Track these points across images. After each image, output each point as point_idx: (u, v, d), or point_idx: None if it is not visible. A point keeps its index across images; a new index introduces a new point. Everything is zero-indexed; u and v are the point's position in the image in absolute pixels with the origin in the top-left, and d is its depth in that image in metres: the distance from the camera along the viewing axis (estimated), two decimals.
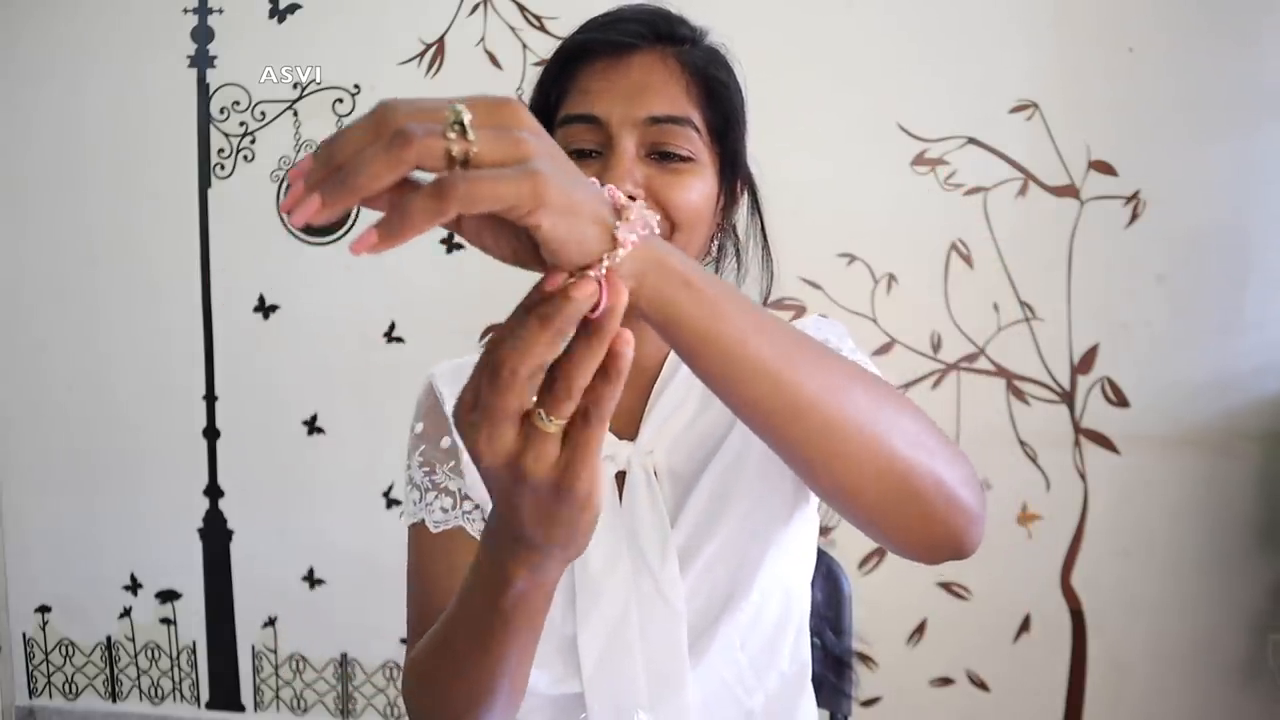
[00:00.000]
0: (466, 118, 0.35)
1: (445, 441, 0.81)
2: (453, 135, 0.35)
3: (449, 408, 0.82)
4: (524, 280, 0.43)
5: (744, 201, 0.82)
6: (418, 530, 0.80)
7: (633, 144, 0.69)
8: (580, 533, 0.47)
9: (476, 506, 0.79)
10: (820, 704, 0.92)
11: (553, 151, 0.39)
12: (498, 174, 0.36)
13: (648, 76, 0.71)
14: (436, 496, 0.79)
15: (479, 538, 0.78)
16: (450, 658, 0.62)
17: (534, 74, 0.77)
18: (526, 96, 0.77)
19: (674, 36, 0.73)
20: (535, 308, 0.40)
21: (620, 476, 0.78)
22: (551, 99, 0.74)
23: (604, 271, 0.40)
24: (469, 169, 0.36)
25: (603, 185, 0.49)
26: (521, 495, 0.45)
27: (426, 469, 0.81)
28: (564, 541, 0.48)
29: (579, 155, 0.71)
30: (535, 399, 0.42)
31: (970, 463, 0.60)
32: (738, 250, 0.84)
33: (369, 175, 0.35)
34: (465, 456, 0.80)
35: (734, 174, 0.77)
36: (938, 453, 0.56)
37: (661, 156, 0.70)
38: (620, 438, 0.78)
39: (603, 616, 0.75)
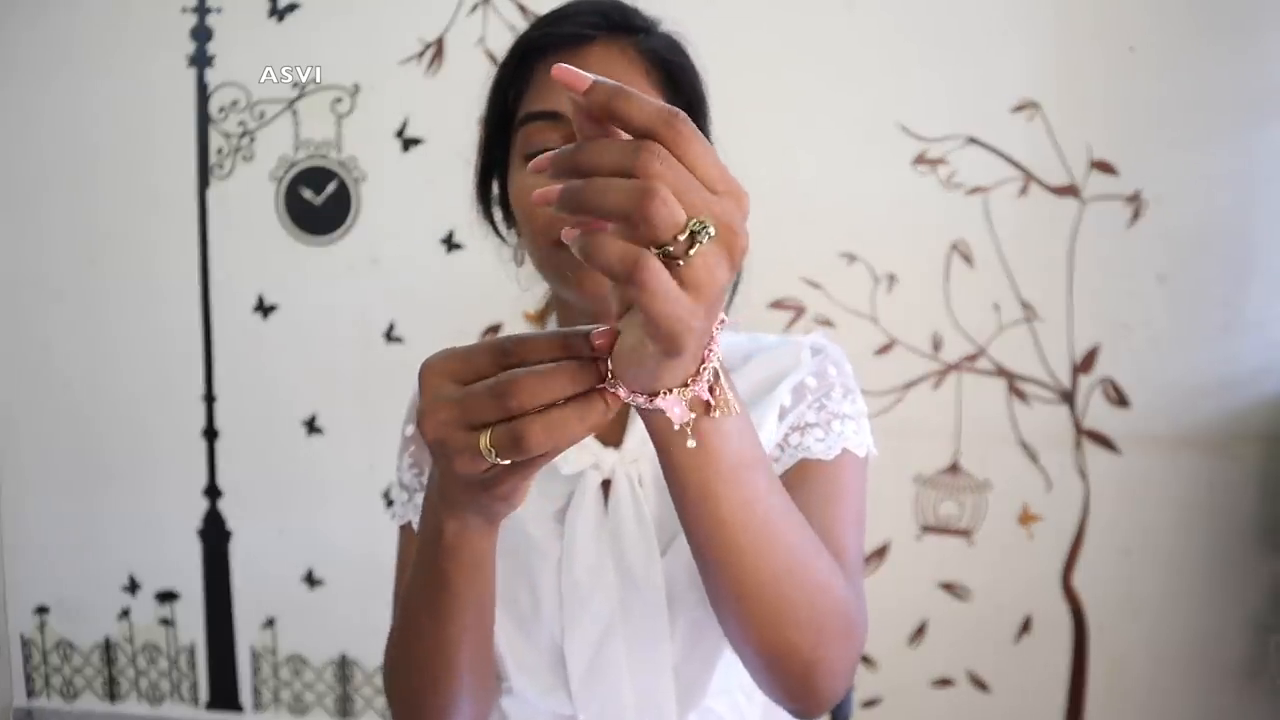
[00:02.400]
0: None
1: None
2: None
3: None
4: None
5: None
6: (406, 530, 0.80)
7: None
8: (498, 512, 0.51)
9: None
10: None
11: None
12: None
13: (608, 66, 0.69)
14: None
15: None
16: (411, 633, 0.63)
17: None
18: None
19: (629, 26, 0.72)
20: (573, 367, 0.41)
21: (606, 485, 0.76)
22: (510, 98, 0.72)
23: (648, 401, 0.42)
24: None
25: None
26: (444, 470, 0.48)
27: (416, 470, 0.81)
28: (483, 514, 0.52)
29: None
30: None
31: (859, 646, 0.63)
32: None
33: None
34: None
35: None
36: (830, 646, 0.58)
37: None
38: (605, 445, 0.77)
39: (588, 626, 0.74)
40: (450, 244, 1.89)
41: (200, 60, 1.94)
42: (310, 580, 2.03)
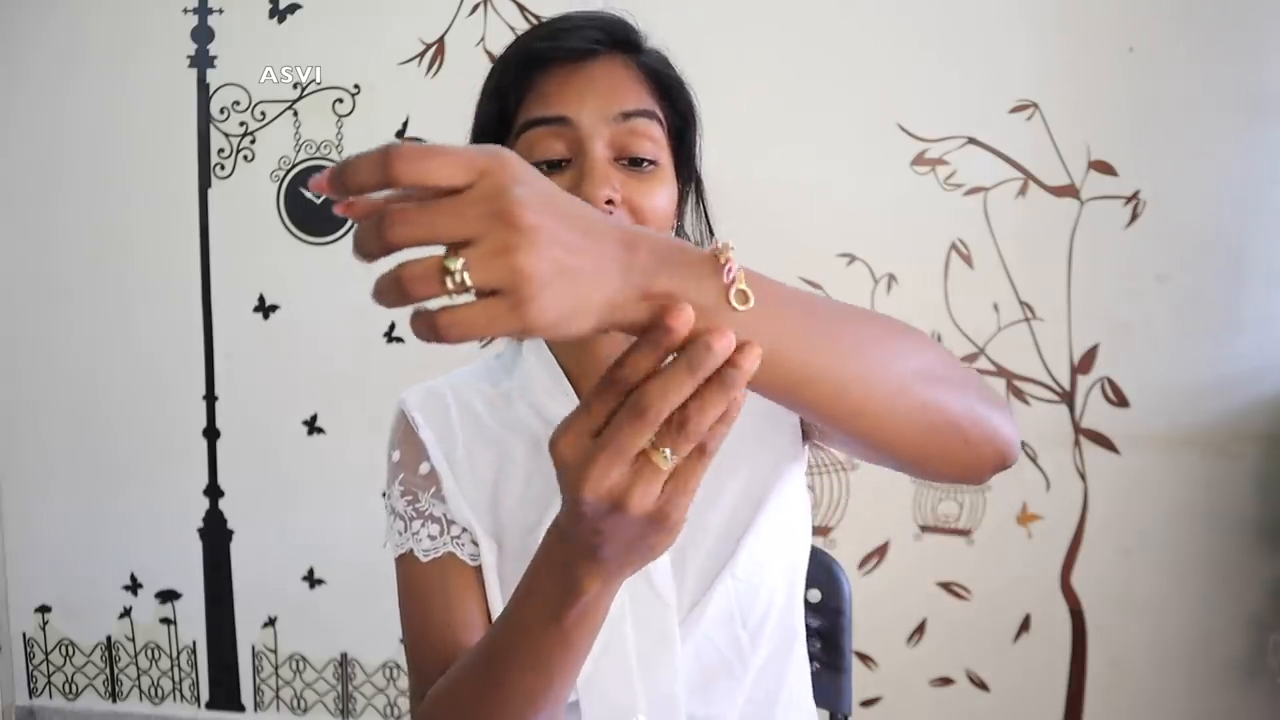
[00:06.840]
0: (458, 265, 0.36)
1: (424, 467, 0.79)
2: (450, 284, 0.37)
3: (424, 433, 0.80)
4: None
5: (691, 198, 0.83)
6: (406, 561, 0.77)
7: (603, 147, 0.68)
8: (660, 551, 0.49)
9: (464, 530, 0.77)
10: (820, 703, 0.92)
11: (550, 245, 0.38)
12: (476, 310, 0.37)
13: (612, 78, 0.71)
14: (423, 525, 0.77)
15: (470, 562, 0.76)
16: (497, 693, 0.59)
17: None
18: None
19: (630, 43, 0.74)
20: (685, 356, 0.41)
21: None
22: (510, 105, 0.72)
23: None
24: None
25: (583, 194, 0.61)
26: (613, 525, 0.46)
27: (409, 498, 0.79)
28: (641, 561, 0.50)
29: (547, 167, 0.69)
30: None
31: (988, 384, 0.62)
32: None
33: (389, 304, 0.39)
34: (446, 482, 0.78)
35: (689, 172, 0.78)
36: (963, 385, 0.57)
37: (630, 163, 0.70)
38: None
39: None
40: None
41: (201, 61, 1.94)
42: (311, 580, 2.03)
